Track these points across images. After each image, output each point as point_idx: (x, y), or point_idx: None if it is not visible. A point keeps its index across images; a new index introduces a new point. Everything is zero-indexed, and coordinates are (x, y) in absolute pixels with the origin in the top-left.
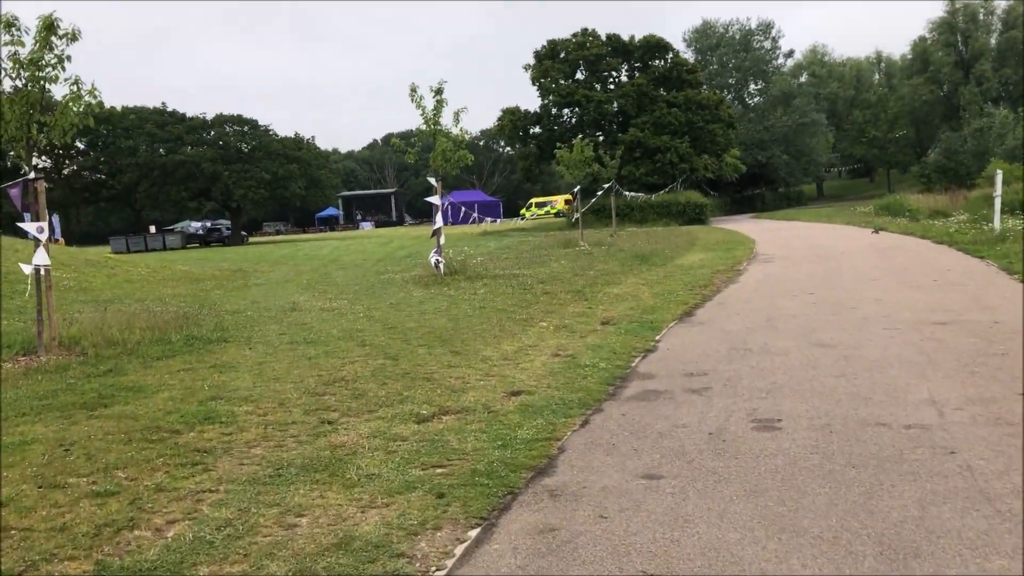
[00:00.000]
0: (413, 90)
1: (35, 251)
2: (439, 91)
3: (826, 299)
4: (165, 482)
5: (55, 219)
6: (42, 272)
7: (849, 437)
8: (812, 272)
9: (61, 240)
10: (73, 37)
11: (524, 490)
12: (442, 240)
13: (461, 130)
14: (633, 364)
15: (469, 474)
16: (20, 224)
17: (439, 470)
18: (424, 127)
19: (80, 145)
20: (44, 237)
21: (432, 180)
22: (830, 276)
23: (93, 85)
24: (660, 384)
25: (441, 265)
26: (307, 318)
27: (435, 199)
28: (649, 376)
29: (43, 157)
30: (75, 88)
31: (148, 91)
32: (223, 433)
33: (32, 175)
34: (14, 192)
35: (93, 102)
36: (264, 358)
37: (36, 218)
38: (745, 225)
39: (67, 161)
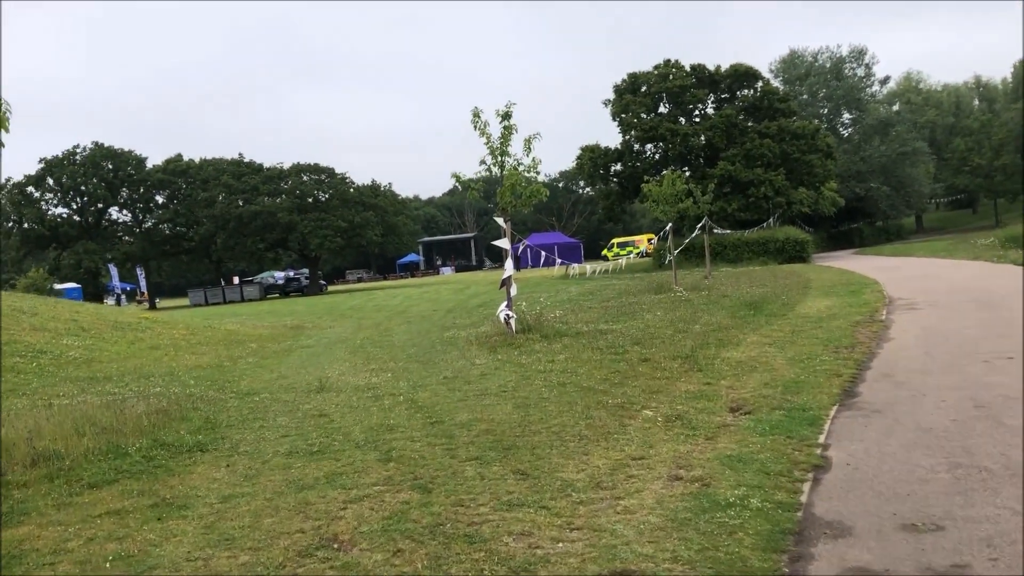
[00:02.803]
0: (476, 115)
1: None
2: (507, 115)
3: None
4: None
5: (138, 272)
6: None
7: None
8: (984, 324)
9: (145, 294)
10: None
11: None
12: (513, 291)
13: (533, 160)
14: (803, 498)
15: None
16: None
17: None
18: (489, 158)
19: (159, 199)
20: None
21: (500, 221)
22: (1013, 330)
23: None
24: (868, 552)
25: (512, 322)
26: (331, 405)
27: (504, 243)
28: (842, 530)
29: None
30: None
31: (228, 141)
32: None
33: None
34: None
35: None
36: (237, 487)
37: None
38: (854, 263)
39: (146, 215)
